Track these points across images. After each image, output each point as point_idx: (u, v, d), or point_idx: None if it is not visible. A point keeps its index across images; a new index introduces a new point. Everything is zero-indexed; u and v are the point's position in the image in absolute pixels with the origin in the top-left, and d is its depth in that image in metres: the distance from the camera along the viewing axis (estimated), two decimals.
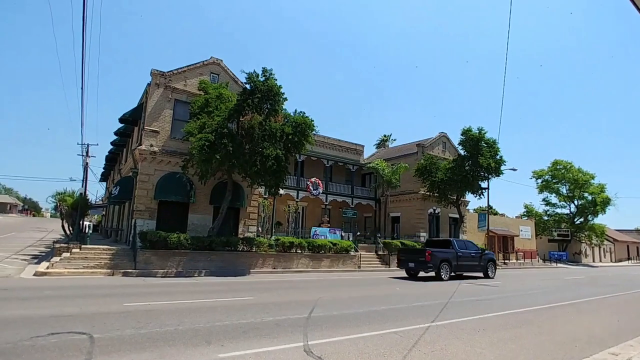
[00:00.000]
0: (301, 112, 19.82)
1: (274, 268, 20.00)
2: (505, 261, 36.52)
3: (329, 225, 28.82)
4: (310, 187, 29.90)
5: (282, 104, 19.23)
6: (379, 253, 26.39)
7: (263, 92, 18.24)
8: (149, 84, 21.06)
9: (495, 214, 52.40)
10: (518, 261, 38.16)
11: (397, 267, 20.66)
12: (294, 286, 14.92)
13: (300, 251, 21.60)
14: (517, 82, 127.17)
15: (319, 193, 30.44)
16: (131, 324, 7.19)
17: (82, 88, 16.42)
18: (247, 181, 20.29)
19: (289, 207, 28.78)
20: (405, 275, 20.18)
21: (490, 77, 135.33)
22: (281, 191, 22.76)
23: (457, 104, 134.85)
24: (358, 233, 29.05)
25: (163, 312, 8.35)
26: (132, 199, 20.68)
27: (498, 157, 28.83)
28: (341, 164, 34.22)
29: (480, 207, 54.97)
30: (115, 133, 26.39)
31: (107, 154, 33.08)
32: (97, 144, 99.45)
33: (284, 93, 18.98)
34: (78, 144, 37.01)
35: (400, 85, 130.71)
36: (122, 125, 24.51)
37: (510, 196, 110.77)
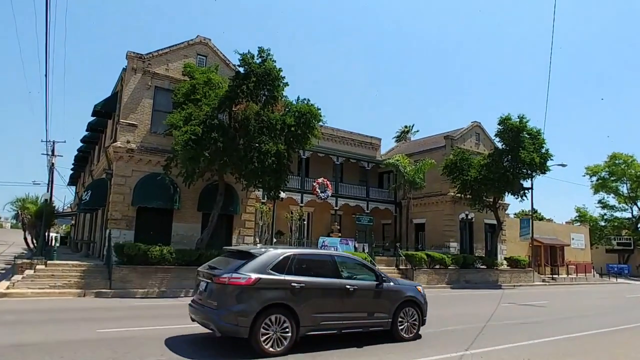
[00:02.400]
0: (305, 99, 19.81)
1: None
2: (554, 276, 36.17)
3: (339, 234, 28.74)
4: (317, 190, 29.86)
5: (283, 89, 19.19)
6: (400, 267, 26.28)
7: (259, 76, 18.26)
8: (124, 69, 21.21)
9: (541, 219, 51.97)
10: (569, 276, 37.76)
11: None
12: None
13: None
14: (561, 62, 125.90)
15: (327, 196, 30.39)
16: (106, 354, 7.23)
17: (45, 75, 16.61)
18: (242, 183, 20.32)
19: (291, 213, 28.77)
20: (431, 294, 20.01)
21: (529, 58, 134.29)
22: (282, 194, 22.75)
23: (491, 89, 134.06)
24: (374, 244, 28.95)
25: (144, 340, 8.39)
26: (106, 205, 20.83)
27: (543, 150, 28.49)
28: (354, 161, 34.14)
29: (523, 211, 54.56)
30: (87, 128, 26.62)
31: (76, 152, 33.40)
32: (65, 141, 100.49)
33: (284, 77, 18.94)
34: (42, 141, 37.57)
35: (424, 69, 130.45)
36: (94, 118, 24.69)
37: (559, 198, 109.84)
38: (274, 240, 24.19)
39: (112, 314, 11.96)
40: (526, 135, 28.36)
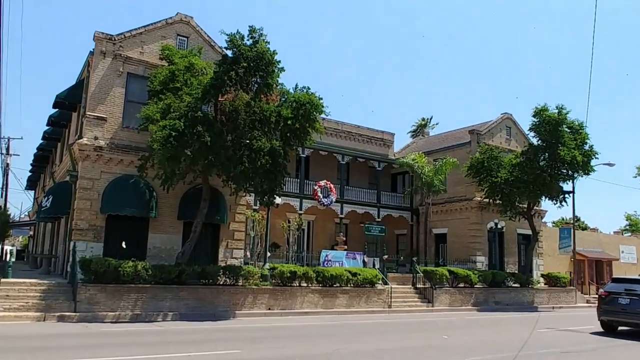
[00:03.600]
0: (304, 87, 19.79)
1: (269, 308, 19.96)
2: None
3: (345, 247, 28.66)
4: (319, 194, 29.82)
5: (278, 76, 19.17)
6: (418, 286, 26.20)
7: (250, 61, 18.25)
8: (91, 53, 21.25)
9: (585, 228, 51.75)
10: None
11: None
12: (297, 334, 14.84)
13: (305, 284, 21.52)
14: (603, 47, 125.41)
15: (331, 202, 30.34)
16: None
17: None
18: (230, 186, 20.29)
19: (289, 222, 28.72)
20: (454, 318, 20.00)
21: (570, 35, 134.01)
22: (278, 200, 22.70)
23: (524, 74, 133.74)
24: (386, 256, 28.89)
25: None
26: (70, 213, 20.85)
27: (587, 146, 28.37)
28: (362, 161, 34.09)
29: (563, 220, 54.42)
30: (47, 122, 26.68)
31: (35, 151, 33.45)
32: (22, 138, 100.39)
33: (279, 61, 18.93)
34: None
35: (445, 53, 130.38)
36: (56, 111, 24.75)
37: (606, 203, 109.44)
38: (268, 254, 24.15)
39: (78, 342, 11.94)
40: (566, 129, 28.25)
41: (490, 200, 30.02)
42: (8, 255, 24.71)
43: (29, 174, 40.74)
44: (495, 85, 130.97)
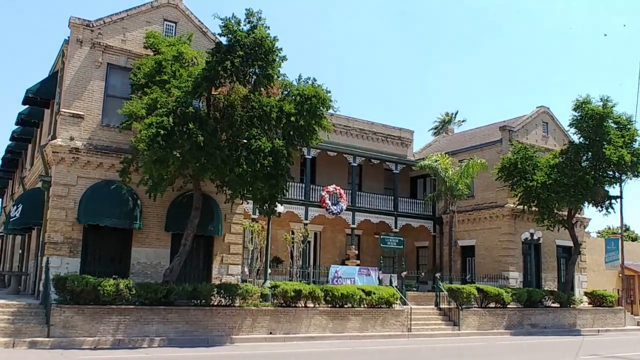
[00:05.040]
0: (310, 78, 19.85)
1: (271, 332, 19.94)
2: None
3: (357, 262, 28.64)
4: (327, 201, 29.83)
5: (279, 66, 19.22)
6: (442, 306, 26.13)
7: (248, 49, 18.28)
8: (66, 41, 21.38)
9: (635, 239, 51.47)
10: None
11: None
12: None
13: (312, 305, 21.50)
14: None
15: (341, 210, 30.34)
16: None
17: None
18: (225, 192, 20.33)
19: (292, 233, 28.73)
20: (484, 343, 19.89)
21: (615, 17, 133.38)
22: (280, 208, 22.73)
23: (562, 63, 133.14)
24: (405, 272, 28.86)
25: None
26: (42, 224, 20.95)
27: (636, 144, 28.30)
28: (377, 162, 34.09)
29: (609, 229, 54.09)
30: (16, 121, 26.86)
31: (3, 154, 33.68)
32: None
33: (281, 49, 18.97)
34: None
35: (472, 36, 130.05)
36: (26, 108, 24.93)
37: None
38: (269, 270, 24.13)
39: None
40: (612, 125, 28.17)
41: (525, 207, 29.92)
42: None
43: None
44: (530, 75, 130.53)
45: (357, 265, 27.42)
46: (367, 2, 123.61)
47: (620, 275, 35.03)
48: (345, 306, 22.12)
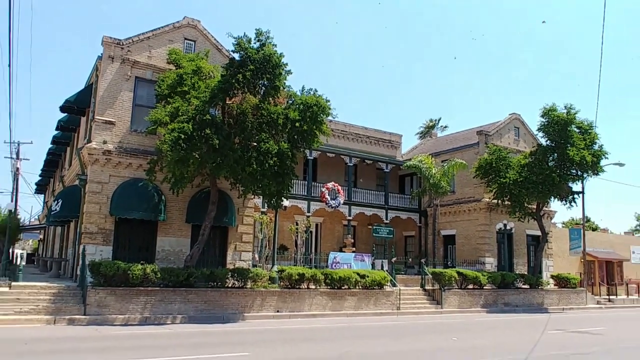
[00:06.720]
0: (311, 89, 19.86)
1: (278, 311, 19.99)
2: (610, 297, 35.71)
3: (353, 249, 28.62)
4: (327, 196, 29.82)
5: (285, 79, 19.22)
6: (426, 288, 26.14)
7: (257, 64, 18.33)
8: (99, 57, 21.40)
9: (595, 229, 51.45)
10: (629, 296, 37.25)
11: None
12: (306, 337, 14.86)
13: (314, 286, 21.53)
14: (614, 46, 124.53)
15: (338, 204, 30.32)
16: None
17: (9, 64, 16.80)
18: (238, 189, 20.38)
19: (296, 224, 28.73)
20: (463, 320, 19.95)
21: (579, 39, 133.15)
22: (286, 202, 22.75)
23: (533, 77, 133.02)
24: (395, 258, 28.85)
25: None
26: (79, 217, 20.99)
27: (596, 146, 28.24)
28: (370, 162, 34.05)
29: (572, 220, 54.12)
30: (57, 127, 26.88)
31: (45, 155, 33.73)
32: (32, 142, 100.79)
33: (286, 64, 19.01)
34: (5, 142, 37.99)
35: (454, 47, 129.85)
36: (65, 115, 24.94)
37: (616, 204, 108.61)
38: (276, 256, 24.17)
39: (88, 345, 12.02)
40: (575, 129, 28.13)
41: (499, 201, 29.93)
42: (18, 259, 24.84)
43: (39, 178, 41.05)
44: (506, 85, 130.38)
45: (353, 252, 27.42)
46: (365, 17, 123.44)
47: (582, 260, 35.01)
48: (343, 288, 22.15)
